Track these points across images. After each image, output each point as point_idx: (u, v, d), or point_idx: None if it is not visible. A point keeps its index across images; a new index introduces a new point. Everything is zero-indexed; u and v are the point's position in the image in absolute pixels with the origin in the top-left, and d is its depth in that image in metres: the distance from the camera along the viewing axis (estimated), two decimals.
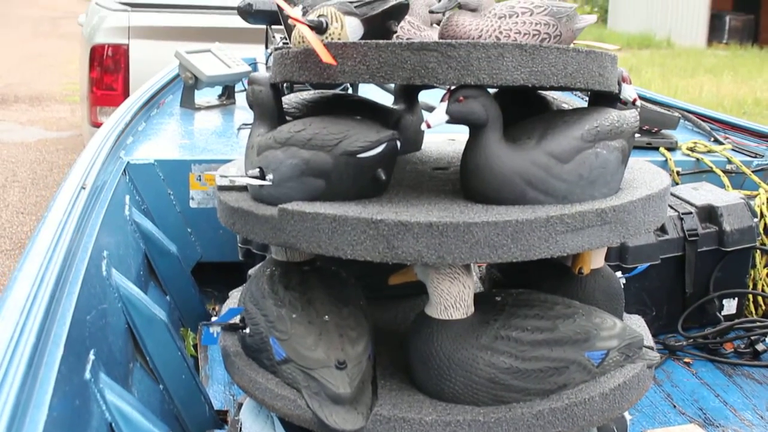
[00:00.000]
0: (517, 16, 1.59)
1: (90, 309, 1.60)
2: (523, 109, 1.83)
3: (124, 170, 2.36)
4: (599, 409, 1.56)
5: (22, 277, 1.44)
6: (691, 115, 3.26)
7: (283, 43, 3.21)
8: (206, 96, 3.36)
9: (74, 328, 1.43)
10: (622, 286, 1.88)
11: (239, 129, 2.88)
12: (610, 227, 1.51)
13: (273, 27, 3.52)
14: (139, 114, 2.89)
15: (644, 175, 1.74)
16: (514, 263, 1.49)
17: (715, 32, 25.10)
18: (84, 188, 1.97)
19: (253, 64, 3.60)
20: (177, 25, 4.89)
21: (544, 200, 1.51)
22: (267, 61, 3.41)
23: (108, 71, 4.71)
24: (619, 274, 1.92)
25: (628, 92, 1.74)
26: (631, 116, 1.66)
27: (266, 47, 3.72)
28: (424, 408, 1.51)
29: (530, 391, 1.53)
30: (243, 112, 3.24)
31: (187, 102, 3.20)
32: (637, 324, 1.86)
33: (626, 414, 1.75)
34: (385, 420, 1.50)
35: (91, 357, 1.49)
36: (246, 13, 3.30)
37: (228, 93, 3.37)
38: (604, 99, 1.75)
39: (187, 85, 3.17)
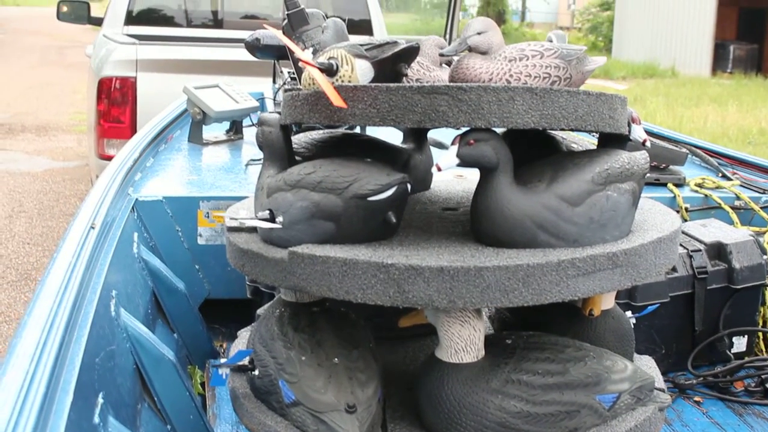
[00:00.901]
0: (528, 59, 1.60)
1: (99, 351, 1.59)
2: (532, 149, 1.83)
3: (133, 207, 2.37)
4: None
5: (31, 323, 1.44)
6: (698, 151, 3.26)
7: (291, 78, 3.22)
8: (214, 131, 3.37)
9: (84, 373, 1.42)
10: (632, 326, 1.87)
11: (247, 165, 2.89)
12: (621, 271, 1.51)
13: (280, 61, 3.53)
14: (148, 149, 2.89)
15: (654, 217, 1.74)
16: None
17: (719, 61, 25.22)
18: (93, 228, 1.97)
19: (261, 99, 3.61)
20: (184, 58, 4.91)
21: (555, 243, 1.51)
22: (275, 95, 3.41)
23: (115, 104, 4.73)
24: (629, 314, 1.91)
25: (638, 133, 1.74)
26: (641, 158, 1.66)
27: (274, 81, 3.72)
28: None
29: None
30: (251, 147, 3.24)
31: (195, 137, 3.21)
32: (647, 365, 1.85)
33: None
34: None
35: (100, 400, 1.48)
36: (254, 47, 3.31)
37: (236, 128, 3.38)
38: (613, 140, 1.75)
39: (195, 121, 3.18)
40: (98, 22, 7.30)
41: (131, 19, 5.94)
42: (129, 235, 2.23)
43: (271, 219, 1.59)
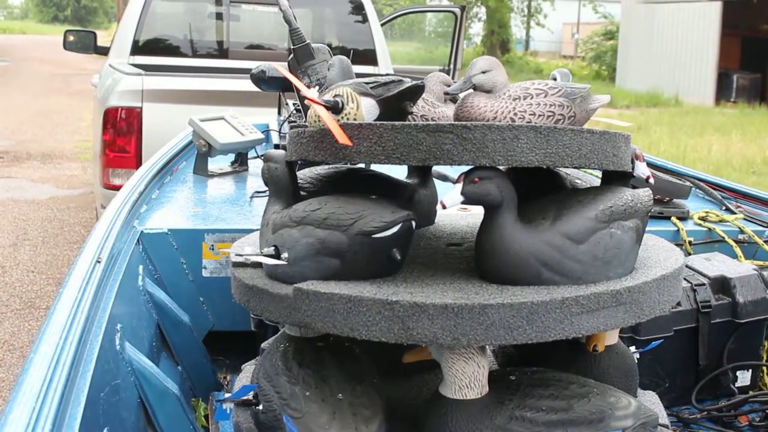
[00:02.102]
0: (532, 98, 1.62)
1: (104, 386, 1.60)
2: (536, 185, 1.84)
3: (138, 240, 2.38)
4: None
5: (38, 359, 1.44)
6: (702, 184, 3.28)
7: (296, 110, 3.24)
8: (219, 163, 3.39)
9: (89, 408, 1.43)
10: (636, 361, 1.88)
11: (252, 197, 2.90)
12: (625, 308, 1.52)
13: (285, 93, 3.55)
14: (153, 181, 2.91)
15: (658, 253, 1.75)
16: None
17: (722, 91, 25.40)
18: (99, 262, 1.98)
19: (266, 132, 3.62)
20: (190, 89, 4.95)
21: (559, 281, 1.52)
22: (280, 128, 3.43)
23: (121, 134, 4.77)
24: (632, 349, 1.92)
25: (642, 170, 1.76)
26: (644, 195, 1.68)
27: (279, 113, 3.75)
28: None
29: None
30: (256, 179, 3.26)
31: (201, 169, 3.23)
32: (651, 401, 1.85)
33: None
34: None
35: None
36: (259, 79, 3.34)
37: (241, 160, 3.40)
38: (617, 177, 1.77)
39: (200, 152, 3.20)
40: (104, 51, 7.36)
41: (137, 49, 6.00)
42: (134, 267, 2.24)
43: (276, 255, 1.60)
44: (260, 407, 1.68)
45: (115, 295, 1.93)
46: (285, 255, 1.59)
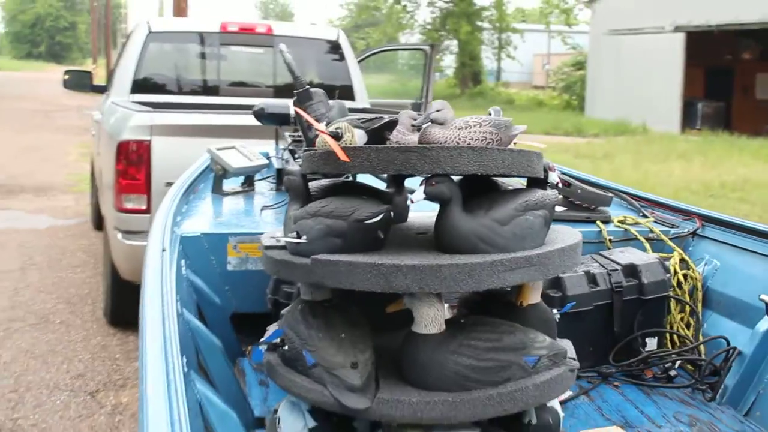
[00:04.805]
0: (471, 128, 2.19)
1: (180, 335, 2.25)
2: (476, 187, 2.40)
3: (179, 241, 3.04)
4: (532, 395, 2.14)
5: (150, 313, 2.10)
6: (622, 194, 3.84)
7: (294, 140, 3.87)
8: (231, 184, 3.98)
9: (182, 350, 2.09)
10: (557, 321, 2.46)
11: (262, 210, 3.55)
12: (536, 268, 2.12)
13: (282, 127, 4.17)
14: (181, 198, 3.57)
15: (563, 236, 2.36)
16: (476, 304, 2.10)
17: (688, 119, 25.42)
18: (164, 250, 2.64)
19: (269, 159, 4.25)
20: (192, 124, 5.44)
21: (491, 250, 2.12)
22: (282, 155, 4.03)
23: (132, 164, 5.22)
24: (554, 311, 2.52)
25: (553, 178, 2.39)
26: (551, 194, 2.28)
27: (276, 143, 4.37)
28: (411, 393, 2.10)
29: (484, 382, 2.08)
30: (261, 198, 3.86)
31: (217, 189, 3.82)
32: (566, 344, 2.45)
33: (558, 408, 2.33)
34: (385, 401, 2.09)
35: (184, 359, 2.15)
36: (260, 115, 3.93)
37: (249, 182, 3.99)
38: (536, 182, 2.37)
39: (217, 175, 3.79)
40: (99, 89, 7.90)
41: (136, 87, 6.51)
42: (179, 261, 2.90)
43: (298, 238, 2.24)
44: (285, 347, 2.28)
45: (174, 278, 2.59)
46: (304, 238, 2.19)
